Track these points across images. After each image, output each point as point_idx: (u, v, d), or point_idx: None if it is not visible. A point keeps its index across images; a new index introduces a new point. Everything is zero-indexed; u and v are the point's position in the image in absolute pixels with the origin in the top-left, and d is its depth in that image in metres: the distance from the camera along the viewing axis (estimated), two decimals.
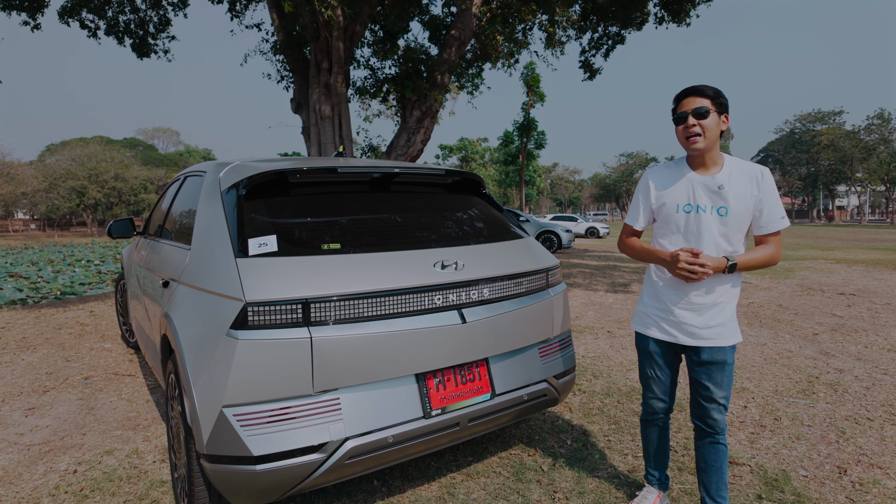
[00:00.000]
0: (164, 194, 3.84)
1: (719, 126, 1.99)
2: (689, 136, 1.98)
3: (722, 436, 2.12)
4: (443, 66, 9.65)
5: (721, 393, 2.07)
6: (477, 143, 47.13)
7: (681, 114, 2.01)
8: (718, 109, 1.98)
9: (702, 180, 2.03)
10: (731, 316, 2.06)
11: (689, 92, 2.01)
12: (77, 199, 42.35)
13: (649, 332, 2.20)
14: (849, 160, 53.17)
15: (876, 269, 11.41)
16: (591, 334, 5.60)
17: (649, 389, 2.28)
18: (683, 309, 2.08)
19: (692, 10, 11.17)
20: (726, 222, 2.00)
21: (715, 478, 2.14)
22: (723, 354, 2.05)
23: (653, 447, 2.35)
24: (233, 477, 1.86)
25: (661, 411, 2.28)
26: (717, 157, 2.04)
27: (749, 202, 1.99)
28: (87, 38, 11.01)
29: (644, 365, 2.28)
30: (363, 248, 2.20)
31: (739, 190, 1.99)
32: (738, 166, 2.03)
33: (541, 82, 30.78)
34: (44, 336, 5.67)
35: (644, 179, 2.22)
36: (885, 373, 4.20)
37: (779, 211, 2.00)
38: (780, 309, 6.88)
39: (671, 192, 2.10)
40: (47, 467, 2.79)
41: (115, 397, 3.80)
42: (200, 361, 1.95)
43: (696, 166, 2.07)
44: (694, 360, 2.11)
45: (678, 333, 2.10)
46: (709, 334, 2.05)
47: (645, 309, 2.24)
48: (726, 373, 2.06)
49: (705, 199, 2.02)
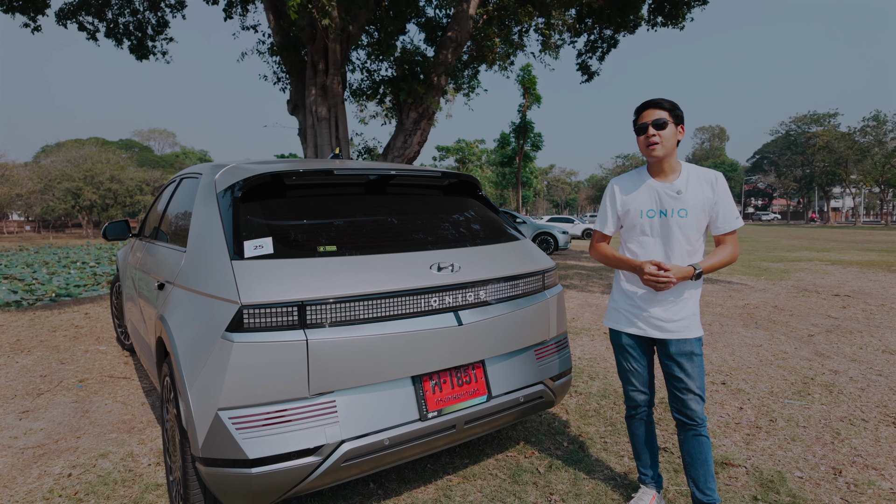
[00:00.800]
0: (160, 196, 3.83)
1: (676, 136, 2.15)
2: (649, 144, 2.14)
3: (703, 427, 2.19)
4: (439, 68, 9.65)
5: (695, 384, 2.17)
6: (474, 144, 47.17)
7: (641, 125, 2.17)
8: (675, 121, 2.14)
9: (662, 186, 2.20)
10: (693, 310, 2.20)
11: (648, 105, 2.17)
12: (72, 201, 42.14)
13: (621, 327, 2.32)
14: (843, 162, 53.44)
15: (871, 270, 11.46)
16: (587, 336, 5.61)
17: (629, 383, 2.37)
18: (650, 304, 2.22)
19: (687, 13, 11.23)
20: (686, 223, 2.15)
21: (701, 471, 2.20)
22: (689, 346, 2.17)
23: (640, 442, 2.40)
24: (228, 480, 1.85)
25: (643, 403, 2.36)
26: (675, 165, 2.20)
27: (705, 204, 2.15)
28: (86, 40, 11.00)
29: (620, 359, 2.38)
30: (359, 251, 2.19)
31: (696, 194, 2.15)
32: (694, 172, 2.20)
33: (537, 84, 30.88)
34: (38, 338, 5.65)
35: (610, 187, 2.37)
36: (879, 374, 4.21)
37: (733, 212, 2.17)
38: (776, 310, 6.90)
39: (635, 198, 2.25)
40: (41, 471, 2.77)
41: (110, 400, 3.78)
42: (196, 364, 1.95)
43: (656, 174, 2.23)
44: (664, 354, 2.23)
45: (646, 327, 2.24)
46: (674, 327, 2.18)
47: (616, 305, 2.36)
48: (696, 363, 2.17)
49: (666, 203, 2.18)
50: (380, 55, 10.99)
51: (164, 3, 11.20)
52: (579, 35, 12.46)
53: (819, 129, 56.61)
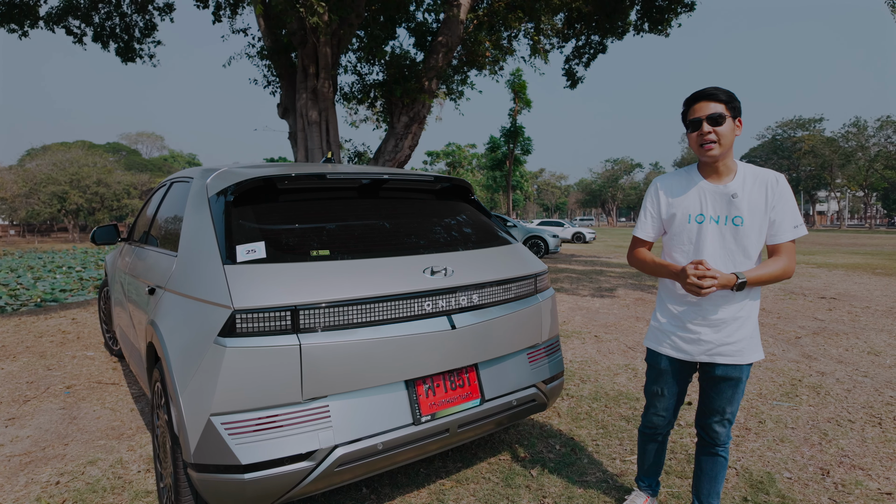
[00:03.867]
0: (150, 200, 3.80)
1: (734, 132, 1.89)
2: (704, 143, 1.88)
3: (722, 448, 2.09)
4: (430, 72, 9.68)
5: (729, 409, 2.02)
6: (465, 148, 47.30)
7: (694, 120, 1.90)
8: (733, 114, 1.88)
9: (714, 189, 1.95)
10: (751, 332, 1.97)
11: (701, 96, 1.90)
12: (58, 205, 41.64)
13: (663, 350, 2.09)
14: (828, 166, 54.24)
15: (856, 273, 11.64)
16: (578, 339, 5.63)
17: (652, 406, 2.20)
18: (699, 325, 1.97)
19: (674, 20, 11.36)
20: (742, 232, 1.91)
21: (707, 485, 2.15)
22: (738, 372, 1.97)
23: (648, 461, 2.31)
24: (220, 486, 1.84)
25: (662, 427, 2.22)
26: (730, 165, 1.95)
27: (763, 210, 1.90)
28: (73, 43, 10.90)
29: (652, 381, 2.18)
30: (352, 255, 2.19)
31: (754, 198, 1.90)
32: (751, 173, 1.95)
33: (527, 89, 31.06)
34: (24, 344, 5.56)
35: (653, 187, 2.11)
36: (865, 375, 4.28)
37: (793, 219, 1.90)
38: (764, 313, 6.98)
39: (682, 201, 2.00)
40: (28, 479, 2.73)
41: (99, 406, 3.74)
42: (188, 369, 1.93)
43: (709, 174, 1.98)
44: (707, 375, 2.04)
45: (693, 351, 2.00)
46: (726, 350, 1.95)
47: (658, 325, 2.12)
48: (739, 390, 2.00)
49: (719, 208, 1.94)
50: (370, 59, 11.00)
51: (151, 6, 11.13)
52: (568, 40, 12.59)
53: (804, 133, 57.43)
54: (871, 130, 49.87)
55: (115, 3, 10.66)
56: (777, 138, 62.53)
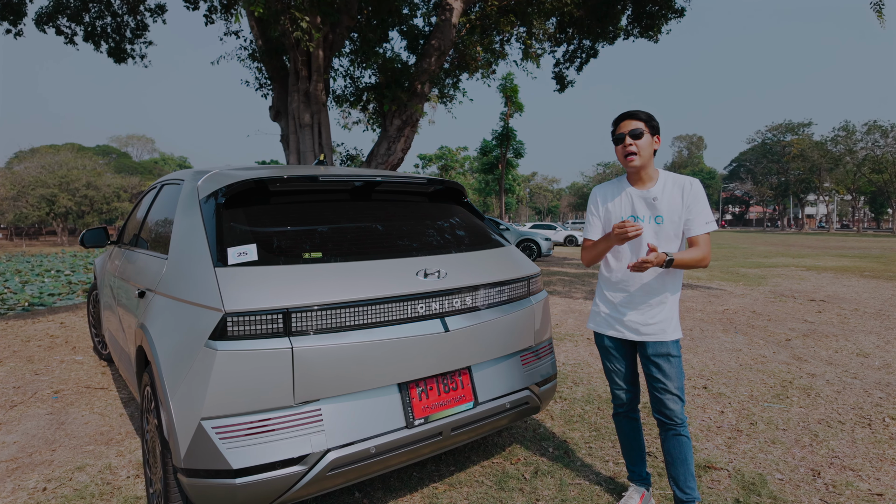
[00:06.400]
0: (140, 203, 3.77)
1: (652, 145, 2.22)
2: (627, 154, 2.20)
3: (682, 427, 2.25)
4: (423, 76, 9.69)
5: (673, 384, 2.22)
6: (457, 151, 47.37)
7: (618, 135, 2.23)
8: (651, 131, 2.21)
9: (639, 194, 2.27)
10: (670, 314, 2.25)
11: (625, 116, 2.24)
12: (47, 208, 41.16)
13: (602, 330, 2.41)
14: (817, 170, 54.86)
15: (844, 275, 11.76)
16: (570, 342, 5.64)
17: (614, 382, 2.44)
18: (627, 308, 2.30)
19: (664, 26, 11.46)
20: (662, 229, 2.22)
21: (682, 469, 2.24)
22: (666, 348, 2.23)
23: (627, 439, 2.48)
24: (211, 491, 1.82)
25: (628, 401, 2.43)
26: (652, 173, 2.27)
27: (680, 209, 2.21)
28: (65, 44, 10.81)
29: (605, 360, 2.45)
30: (345, 257, 2.18)
31: (671, 200, 2.22)
32: (671, 179, 2.26)
33: (519, 93, 31.17)
34: (11, 349, 5.49)
35: (592, 195, 2.46)
36: (854, 377, 4.31)
37: (705, 216, 2.21)
38: (754, 315, 7.03)
39: (615, 205, 2.34)
40: (15, 485, 2.69)
41: (87, 411, 3.69)
42: (178, 373, 1.91)
43: (634, 182, 2.30)
44: (643, 355, 2.30)
45: (625, 331, 2.31)
46: (649, 330, 2.25)
47: (597, 309, 2.44)
48: (674, 364, 2.23)
49: (643, 209, 2.26)
50: (363, 62, 10.99)
51: (143, 7, 11.06)
52: (559, 45, 12.63)
53: (794, 137, 58.06)
54: (860, 135, 50.52)
55: (106, 3, 10.59)
56: (767, 142, 63.17)
